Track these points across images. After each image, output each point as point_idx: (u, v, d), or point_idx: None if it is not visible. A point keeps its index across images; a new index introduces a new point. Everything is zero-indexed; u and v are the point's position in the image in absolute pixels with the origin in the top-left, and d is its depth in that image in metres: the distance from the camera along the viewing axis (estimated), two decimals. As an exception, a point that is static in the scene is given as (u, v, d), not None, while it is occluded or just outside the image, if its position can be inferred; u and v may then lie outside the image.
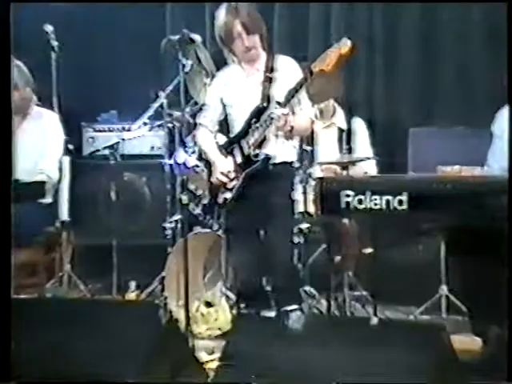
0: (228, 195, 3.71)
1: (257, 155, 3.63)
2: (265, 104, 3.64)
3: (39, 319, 3.31)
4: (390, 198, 2.99)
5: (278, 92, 3.61)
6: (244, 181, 3.67)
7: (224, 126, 3.90)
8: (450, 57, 4.85)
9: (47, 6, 5.25)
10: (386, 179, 3.24)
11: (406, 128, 4.70)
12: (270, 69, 3.70)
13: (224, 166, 3.70)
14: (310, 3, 5.20)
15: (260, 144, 3.63)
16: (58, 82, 4.26)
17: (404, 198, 2.96)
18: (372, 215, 3.11)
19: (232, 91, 3.77)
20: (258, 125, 3.62)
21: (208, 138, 3.85)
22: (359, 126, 4.67)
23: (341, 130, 4.63)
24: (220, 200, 3.74)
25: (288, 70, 3.70)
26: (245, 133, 3.69)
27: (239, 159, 3.71)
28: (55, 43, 4.26)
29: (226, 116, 3.84)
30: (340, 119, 4.69)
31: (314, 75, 3.43)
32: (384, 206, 3.01)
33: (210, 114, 3.85)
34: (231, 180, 3.69)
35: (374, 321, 3.22)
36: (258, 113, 3.65)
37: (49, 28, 4.26)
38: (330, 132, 4.66)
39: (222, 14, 3.66)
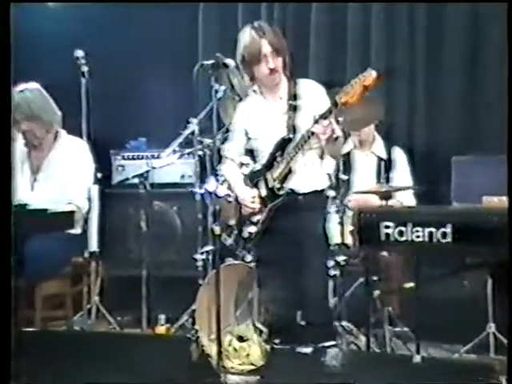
0: (253, 229, 3.74)
1: (280, 189, 3.67)
2: (291, 135, 3.66)
3: (67, 352, 3.37)
4: (433, 230, 2.99)
5: (304, 120, 3.62)
6: (268, 214, 3.70)
7: (250, 156, 3.93)
8: (494, 82, 4.83)
9: (79, 32, 5.38)
10: (428, 210, 3.24)
11: (449, 156, 4.69)
12: (292, 96, 3.72)
13: (249, 198, 3.74)
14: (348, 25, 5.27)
15: (285, 176, 3.66)
16: (87, 108, 4.31)
17: (448, 230, 2.96)
18: (414, 248, 3.11)
19: (255, 124, 3.80)
20: (283, 157, 3.65)
21: (233, 170, 3.90)
22: (399, 155, 4.68)
23: (379, 159, 4.65)
24: (245, 234, 3.77)
25: (312, 96, 3.71)
26: (270, 165, 3.73)
27: (264, 192, 3.74)
28: (85, 69, 4.29)
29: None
30: (379, 148, 4.71)
31: (339, 107, 3.45)
32: (427, 239, 3.01)
33: (234, 146, 3.90)
34: (256, 214, 3.73)
35: (417, 359, 3.21)
36: (283, 144, 3.68)
37: (79, 53, 4.29)
38: (368, 161, 4.68)
39: (246, 34, 3.69)
